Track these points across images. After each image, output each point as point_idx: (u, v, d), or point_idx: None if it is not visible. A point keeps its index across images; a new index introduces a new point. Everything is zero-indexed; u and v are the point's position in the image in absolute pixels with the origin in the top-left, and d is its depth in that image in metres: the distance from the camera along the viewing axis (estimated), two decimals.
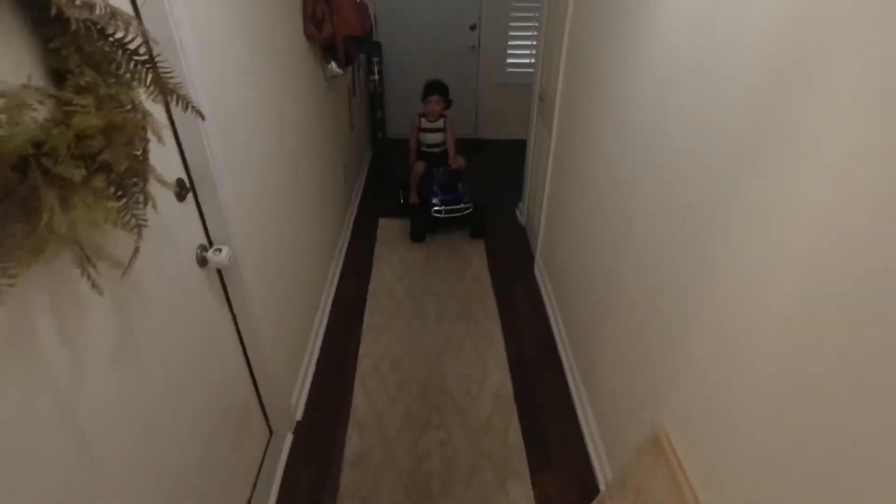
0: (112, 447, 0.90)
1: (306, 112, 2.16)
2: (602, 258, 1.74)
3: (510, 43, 4.14)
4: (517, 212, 3.37)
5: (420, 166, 3.16)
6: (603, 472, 1.67)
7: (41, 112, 0.70)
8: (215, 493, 1.35)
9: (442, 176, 3.04)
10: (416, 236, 3.02)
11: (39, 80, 0.74)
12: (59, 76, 0.76)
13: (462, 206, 2.97)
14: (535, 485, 1.69)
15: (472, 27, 4.13)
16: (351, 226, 3.20)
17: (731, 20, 0.98)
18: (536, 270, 2.74)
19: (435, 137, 3.21)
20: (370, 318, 2.41)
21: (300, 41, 2.08)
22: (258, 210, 1.55)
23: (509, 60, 4.23)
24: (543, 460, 1.77)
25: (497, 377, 2.10)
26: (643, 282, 1.39)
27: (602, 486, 1.64)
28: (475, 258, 2.90)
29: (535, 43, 3.49)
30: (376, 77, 4.08)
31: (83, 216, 0.73)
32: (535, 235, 2.82)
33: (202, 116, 0.94)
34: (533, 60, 3.02)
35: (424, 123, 3.18)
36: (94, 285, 0.76)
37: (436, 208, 2.95)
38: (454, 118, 3.26)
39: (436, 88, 3.10)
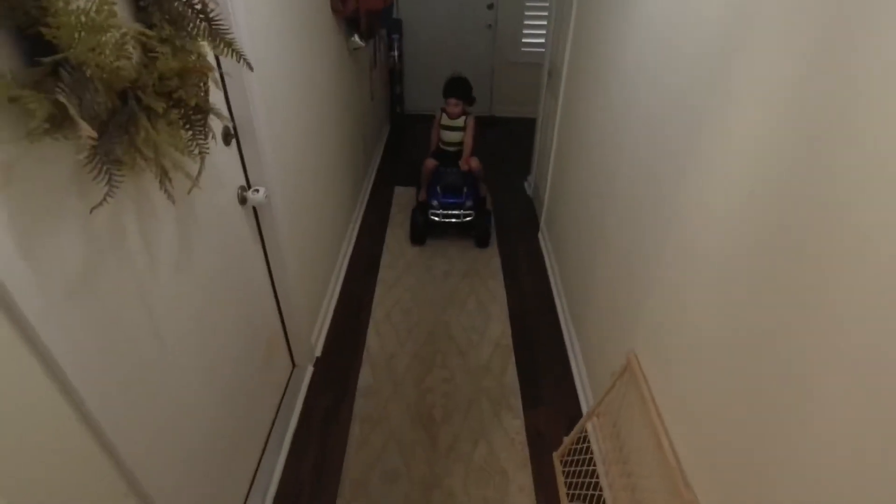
0: (173, 334, 1.12)
1: (332, 80, 2.34)
2: (593, 213, 1.91)
3: (525, 23, 4.26)
4: (525, 185, 3.54)
5: (430, 163, 2.99)
6: (588, 405, 1.87)
7: (134, 56, 0.90)
8: (246, 408, 1.56)
9: (447, 176, 2.84)
10: (415, 238, 2.84)
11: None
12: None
13: (461, 211, 2.75)
14: (526, 417, 1.89)
15: (490, 6, 4.26)
16: (369, 191, 3.40)
17: (682, 30, 1.14)
18: (540, 236, 2.93)
19: (453, 136, 3.00)
20: (383, 273, 2.63)
21: (327, 15, 2.26)
22: (290, 161, 1.75)
23: (524, 40, 4.36)
24: (535, 397, 1.98)
25: (498, 327, 2.30)
26: (622, 229, 1.57)
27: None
28: None
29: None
30: (396, 53, 4.25)
31: (164, 139, 0.93)
32: (540, 205, 3.00)
33: (251, 67, 1.13)
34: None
35: (445, 120, 2.98)
36: (168, 195, 0.97)
37: (433, 211, 2.77)
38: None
39: (455, 90, 2.87)
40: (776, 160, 0.85)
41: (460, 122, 2.96)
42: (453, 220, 2.75)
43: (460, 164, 2.93)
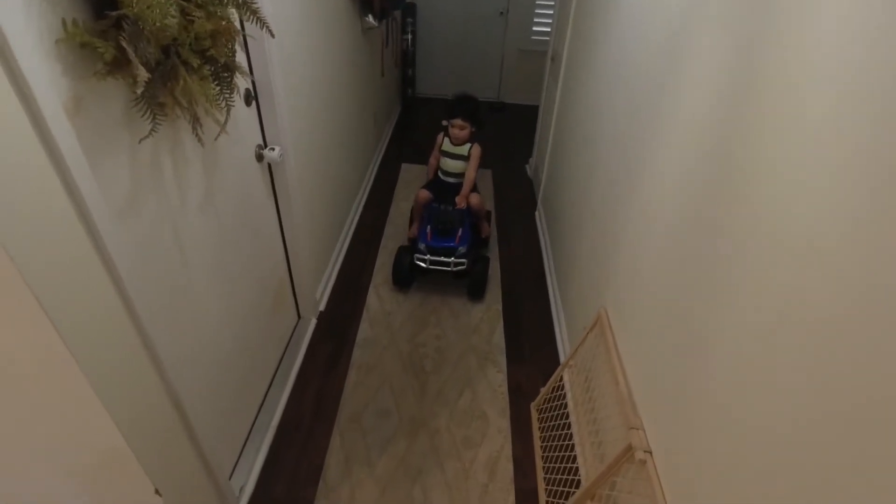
0: (198, 267, 1.29)
1: (345, 55, 2.51)
2: (580, 187, 2.07)
3: (536, 11, 4.37)
4: (527, 167, 3.69)
5: (423, 196, 2.57)
6: None
7: (175, 19, 1.07)
8: (256, 347, 1.74)
9: (441, 215, 2.40)
10: (398, 280, 2.43)
11: None
12: None
13: (452, 259, 2.32)
14: (509, 372, 2.07)
15: None
16: (377, 166, 3.57)
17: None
18: (536, 215, 3.08)
19: (454, 165, 2.57)
20: (386, 242, 2.80)
21: None
22: (303, 125, 1.92)
23: (535, 28, 4.47)
24: (519, 355, 2.15)
25: (490, 294, 2.47)
26: (601, 200, 1.73)
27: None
28: (485, 203, 3.24)
29: None
30: (409, 37, 4.39)
31: (197, 90, 1.10)
32: (538, 185, 3.15)
33: (272, 34, 1.29)
34: None
35: (447, 145, 2.56)
36: (199, 139, 1.14)
37: (418, 255, 2.36)
38: (479, 84, 3.15)
39: (461, 110, 2.45)
40: (708, 144, 1.00)
41: (464, 149, 2.52)
42: (442, 267, 2.35)
43: (457, 200, 2.49)
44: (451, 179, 2.62)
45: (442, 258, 2.33)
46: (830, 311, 0.66)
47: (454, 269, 2.34)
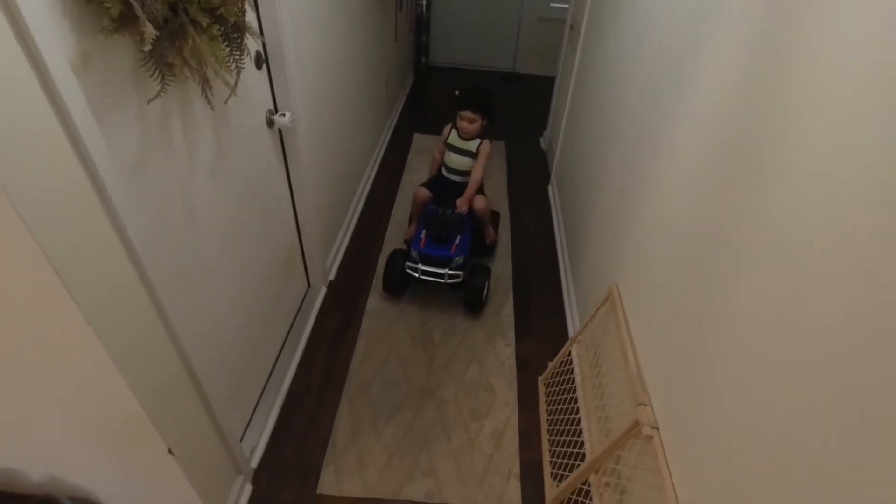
0: (207, 232, 1.29)
1: (358, 20, 2.44)
2: (596, 163, 2.03)
3: None
4: (541, 140, 3.62)
5: (422, 194, 2.34)
6: None
7: None
8: (266, 315, 1.75)
9: (437, 219, 2.14)
10: (388, 286, 2.21)
11: None
12: None
13: (446, 270, 2.09)
14: (518, 346, 2.07)
15: None
16: (389, 135, 3.52)
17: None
18: (550, 188, 3.04)
19: (460, 162, 2.30)
20: (396, 213, 2.78)
21: None
22: (315, 90, 1.88)
23: None
24: (528, 330, 2.15)
25: (500, 266, 2.45)
26: (616, 176, 1.69)
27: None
28: (497, 176, 3.20)
29: None
30: (424, 1, 4.26)
31: (207, 50, 1.07)
32: (552, 159, 3.09)
33: None
34: None
35: (453, 137, 2.29)
36: (208, 101, 1.12)
37: (409, 263, 2.14)
38: (493, 53, 2.92)
39: (471, 101, 2.18)
40: (726, 133, 0.96)
41: (473, 145, 2.26)
42: (435, 279, 2.12)
43: (458, 202, 2.21)
44: (455, 178, 2.35)
45: (435, 269, 2.11)
46: (841, 303, 0.63)
47: (448, 280, 2.11)
